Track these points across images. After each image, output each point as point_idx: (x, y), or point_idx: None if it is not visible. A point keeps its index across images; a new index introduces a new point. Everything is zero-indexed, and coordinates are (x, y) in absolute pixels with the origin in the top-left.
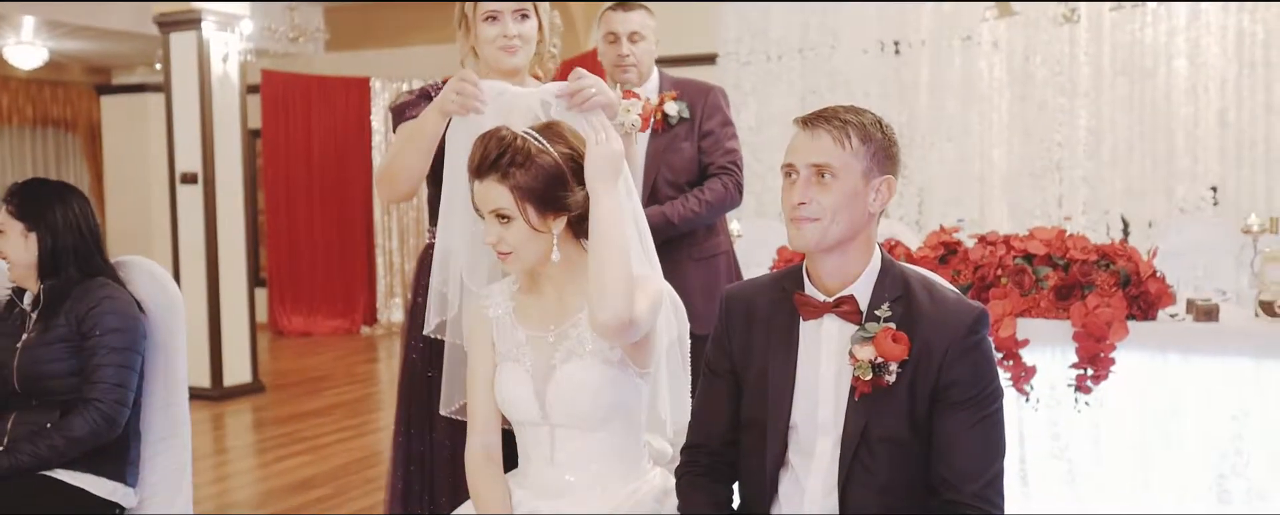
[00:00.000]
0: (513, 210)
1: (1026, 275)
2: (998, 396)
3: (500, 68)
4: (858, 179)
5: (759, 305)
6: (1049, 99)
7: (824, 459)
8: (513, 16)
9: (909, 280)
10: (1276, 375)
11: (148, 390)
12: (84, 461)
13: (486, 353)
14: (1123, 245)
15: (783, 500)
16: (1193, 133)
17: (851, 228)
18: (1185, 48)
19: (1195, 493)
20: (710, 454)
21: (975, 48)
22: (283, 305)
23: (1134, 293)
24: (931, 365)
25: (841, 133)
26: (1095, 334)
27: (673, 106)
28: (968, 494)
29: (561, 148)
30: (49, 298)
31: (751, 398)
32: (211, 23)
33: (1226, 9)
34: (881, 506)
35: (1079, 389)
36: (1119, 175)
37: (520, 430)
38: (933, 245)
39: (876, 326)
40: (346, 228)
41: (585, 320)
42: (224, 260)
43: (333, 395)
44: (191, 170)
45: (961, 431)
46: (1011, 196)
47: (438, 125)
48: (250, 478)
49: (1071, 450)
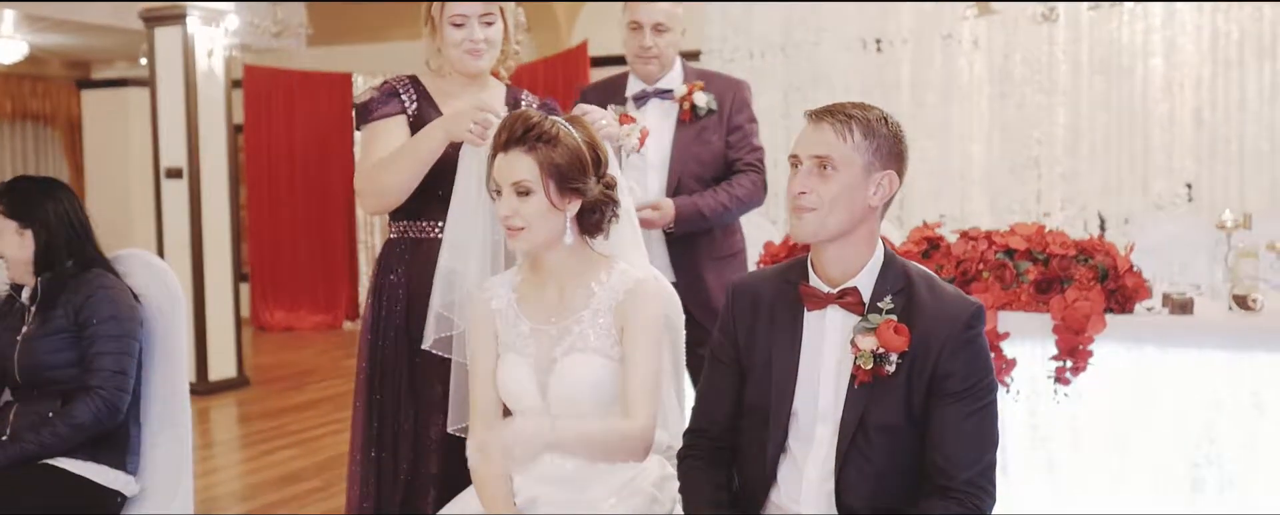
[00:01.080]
0: (536, 183)
1: (1007, 270)
2: (992, 389)
3: (464, 71)
4: (858, 172)
5: (764, 296)
6: (1028, 96)
7: (822, 445)
8: (479, 21)
9: (911, 274)
10: (1249, 367)
11: (147, 380)
12: (86, 450)
13: (489, 345)
14: (1100, 240)
15: (781, 485)
16: (1168, 130)
17: (850, 219)
18: (1161, 47)
19: (1170, 481)
20: (712, 439)
21: (956, 46)
22: (265, 300)
23: (1112, 287)
24: (929, 357)
25: (845, 126)
26: (1074, 327)
27: (702, 97)
28: (961, 481)
29: (584, 136)
30: (46, 291)
31: (755, 385)
32: (197, 18)
33: (1201, 9)
34: (876, 492)
35: (1058, 381)
36: (1096, 171)
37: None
38: (916, 240)
39: (878, 318)
40: (329, 222)
41: (588, 316)
42: (209, 255)
43: (318, 389)
44: (176, 165)
45: (956, 422)
46: (991, 192)
47: (441, 146)
48: (239, 471)
49: (1051, 440)
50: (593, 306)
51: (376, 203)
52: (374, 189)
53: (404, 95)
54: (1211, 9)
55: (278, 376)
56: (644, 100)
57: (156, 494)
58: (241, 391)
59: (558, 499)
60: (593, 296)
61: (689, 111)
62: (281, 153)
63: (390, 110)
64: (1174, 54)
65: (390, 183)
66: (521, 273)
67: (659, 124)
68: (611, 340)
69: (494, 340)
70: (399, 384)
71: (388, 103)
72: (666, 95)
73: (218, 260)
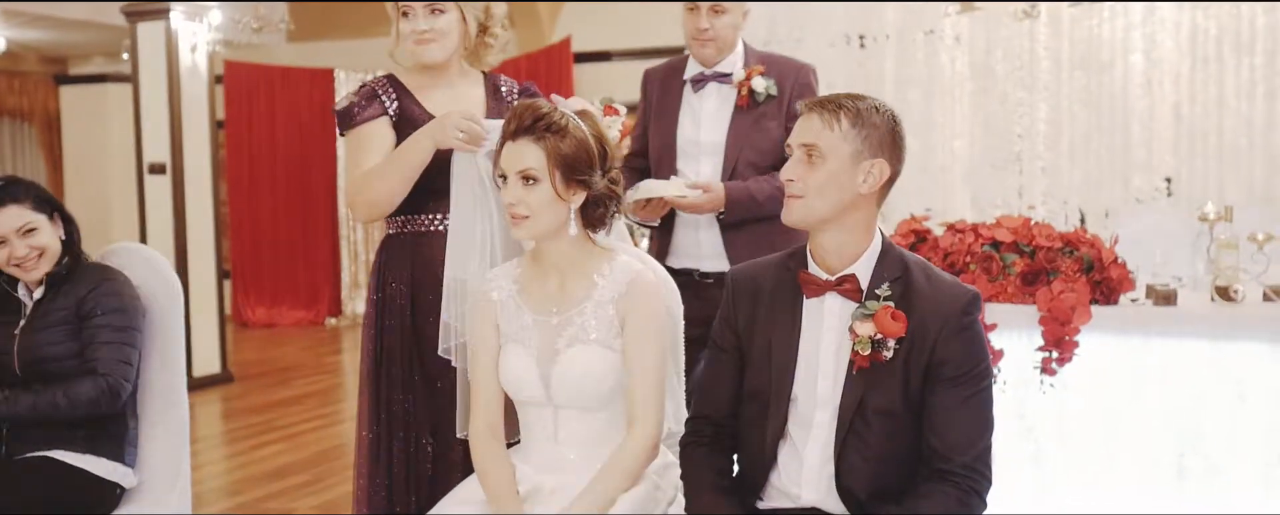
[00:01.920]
0: (542, 171)
1: (994, 262)
2: (987, 375)
3: (418, 61)
4: (845, 160)
5: (764, 283)
6: (1010, 92)
7: (821, 430)
8: (425, 11)
9: (908, 263)
10: (1232, 356)
11: (145, 372)
12: (84, 442)
13: (490, 335)
14: (1084, 233)
15: (781, 469)
16: (1148, 125)
17: (837, 206)
18: (1141, 43)
19: (1156, 468)
20: (714, 425)
21: (938, 42)
22: (246, 296)
23: (1097, 278)
24: (926, 343)
25: (832, 116)
26: (1060, 318)
27: (760, 82)
28: (958, 464)
29: (592, 129)
30: (52, 282)
31: (755, 370)
32: (180, 13)
33: (1180, 7)
34: (874, 476)
35: (1045, 371)
36: (1077, 166)
37: (523, 408)
38: (903, 233)
39: (876, 305)
40: (310, 219)
41: (590, 308)
42: (192, 251)
43: (303, 385)
44: (160, 161)
45: (953, 407)
46: (973, 187)
47: (428, 153)
48: (227, 466)
49: (1037, 430)
50: (595, 298)
51: (369, 213)
52: (365, 200)
53: (383, 96)
54: (1190, 7)
55: (262, 372)
56: (702, 84)
57: (154, 486)
58: (226, 387)
59: (560, 487)
60: (595, 288)
61: (747, 97)
62: (263, 149)
63: (372, 113)
64: (1153, 50)
65: (381, 193)
66: (523, 265)
67: (717, 109)
68: (613, 332)
69: (495, 331)
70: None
71: (369, 106)
72: (725, 79)
73: (201, 256)
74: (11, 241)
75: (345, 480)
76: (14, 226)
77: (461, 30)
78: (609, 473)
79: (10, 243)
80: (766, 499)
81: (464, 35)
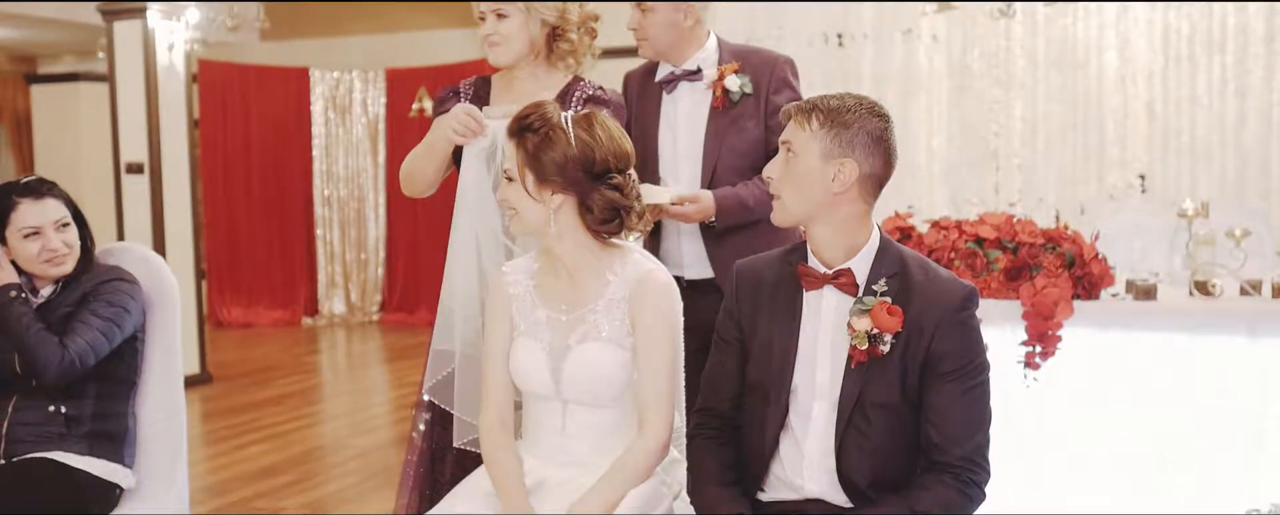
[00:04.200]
0: (515, 172)
1: (978, 258)
2: (985, 369)
3: (491, 63)
4: (815, 159)
5: (766, 277)
6: (986, 90)
7: (821, 422)
8: (491, 15)
9: (905, 259)
10: (1210, 349)
11: (144, 373)
12: (83, 443)
13: (504, 327)
14: (1066, 229)
15: (783, 460)
16: (1122, 123)
17: (810, 204)
18: (1115, 42)
19: (1136, 461)
20: (719, 417)
21: (915, 41)
22: (222, 296)
23: (1078, 274)
24: (923, 338)
25: (806, 116)
26: (1043, 313)
27: (734, 80)
28: (956, 456)
29: (582, 135)
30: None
31: (757, 362)
32: (156, 12)
33: (1153, 6)
34: (874, 468)
35: (1028, 365)
36: (1052, 163)
37: (532, 401)
38: (888, 230)
39: (873, 300)
40: (287, 219)
41: (602, 306)
42: (170, 251)
43: (283, 385)
44: (137, 160)
45: (951, 400)
46: (951, 185)
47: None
48: (211, 466)
49: (1020, 423)
50: (608, 296)
51: (408, 188)
52: (405, 175)
53: (464, 93)
54: (1163, 6)
55: (240, 373)
56: (673, 84)
57: (153, 486)
58: (205, 388)
59: (568, 480)
60: (608, 286)
61: (722, 97)
62: (238, 148)
63: (447, 107)
64: (1127, 49)
65: (408, 172)
66: (539, 261)
67: (691, 111)
68: (625, 330)
69: (508, 323)
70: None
71: (447, 99)
72: (695, 77)
73: (180, 256)
74: (47, 232)
75: (332, 479)
76: (53, 218)
77: (527, 34)
78: (618, 473)
79: (45, 234)
80: (769, 490)
81: (531, 39)
